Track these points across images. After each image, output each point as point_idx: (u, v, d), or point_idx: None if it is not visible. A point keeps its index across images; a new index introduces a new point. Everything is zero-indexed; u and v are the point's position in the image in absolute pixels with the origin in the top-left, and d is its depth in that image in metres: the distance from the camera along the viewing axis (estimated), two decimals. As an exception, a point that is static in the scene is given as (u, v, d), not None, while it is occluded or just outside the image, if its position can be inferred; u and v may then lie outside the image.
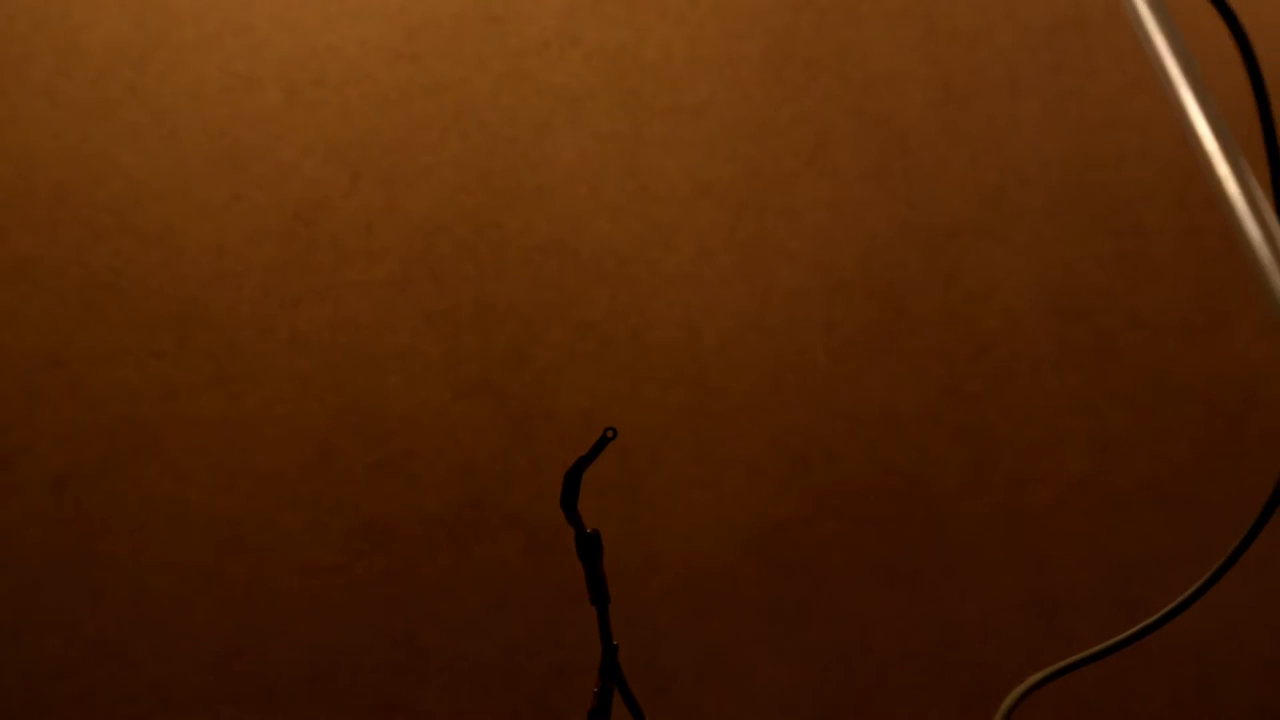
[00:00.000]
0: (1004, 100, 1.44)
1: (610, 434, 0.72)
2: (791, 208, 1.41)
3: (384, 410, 1.34)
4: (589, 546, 0.72)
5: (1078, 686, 1.44)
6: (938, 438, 1.42)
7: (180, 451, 1.31)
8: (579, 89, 1.38)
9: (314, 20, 1.34)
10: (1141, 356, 1.45)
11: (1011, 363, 1.43)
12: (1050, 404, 1.44)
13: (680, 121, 1.39)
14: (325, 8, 1.34)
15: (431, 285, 1.35)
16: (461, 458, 1.35)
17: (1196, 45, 1.57)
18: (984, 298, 1.43)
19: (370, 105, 1.35)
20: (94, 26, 1.31)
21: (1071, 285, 1.44)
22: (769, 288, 1.40)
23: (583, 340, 1.37)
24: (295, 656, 1.33)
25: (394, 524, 1.34)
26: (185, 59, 1.32)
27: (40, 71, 1.30)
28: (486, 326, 1.36)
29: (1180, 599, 0.70)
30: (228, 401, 1.32)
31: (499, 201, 1.36)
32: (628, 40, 1.38)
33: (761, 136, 1.40)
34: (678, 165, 1.39)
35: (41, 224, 1.30)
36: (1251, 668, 1.44)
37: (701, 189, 1.39)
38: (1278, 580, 1.46)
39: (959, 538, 1.42)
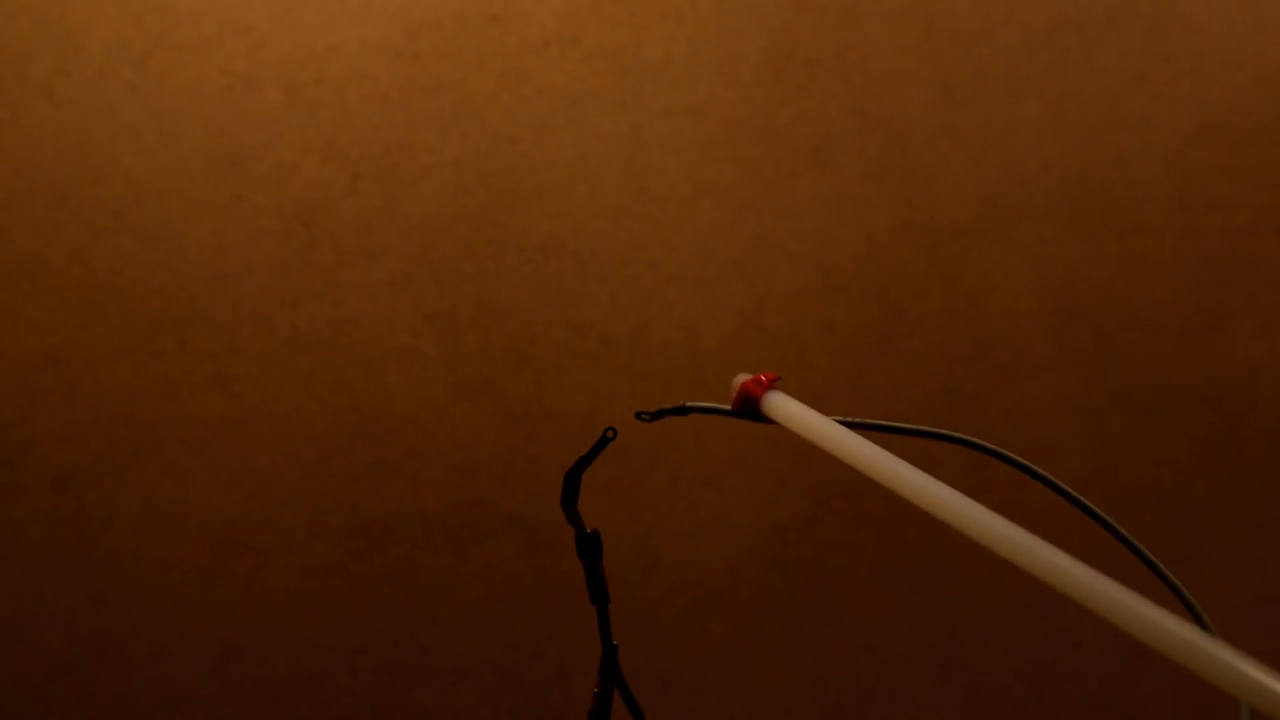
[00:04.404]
0: (1004, 100, 1.44)
1: (610, 434, 0.72)
2: (791, 208, 1.41)
3: (384, 410, 1.34)
4: (589, 546, 0.72)
5: (1078, 686, 1.44)
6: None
7: (180, 451, 1.31)
8: (579, 89, 1.38)
9: (314, 20, 1.34)
10: (1141, 356, 1.45)
11: (1011, 363, 1.43)
12: (1050, 404, 1.44)
13: (680, 121, 1.39)
14: (325, 8, 1.34)
15: (431, 285, 1.35)
16: (461, 458, 1.35)
17: (1195, 46, 1.58)
18: (984, 298, 1.43)
19: (370, 105, 1.35)
20: (94, 26, 1.31)
21: (1071, 285, 1.44)
22: (769, 288, 1.40)
23: (583, 340, 1.37)
24: (295, 656, 1.33)
25: (394, 524, 1.34)
26: (185, 59, 1.32)
27: (40, 71, 1.30)
28: (486, 326, 1.36)
29: None
30: (228, 401, 1.32)
31: (499, 201, 1.36)
32: (628, 40, 1.38)
33: (761, 136, 1.40)
34: (678, 165, 1.39)
35: (41, 224, 1.30)
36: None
37: (701, 189, 1.39)
38: (1278, 580, 1.46)
39: (959, 538, 1.41)
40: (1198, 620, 0.58)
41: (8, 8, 1.30)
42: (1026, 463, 0.63)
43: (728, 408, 0.65)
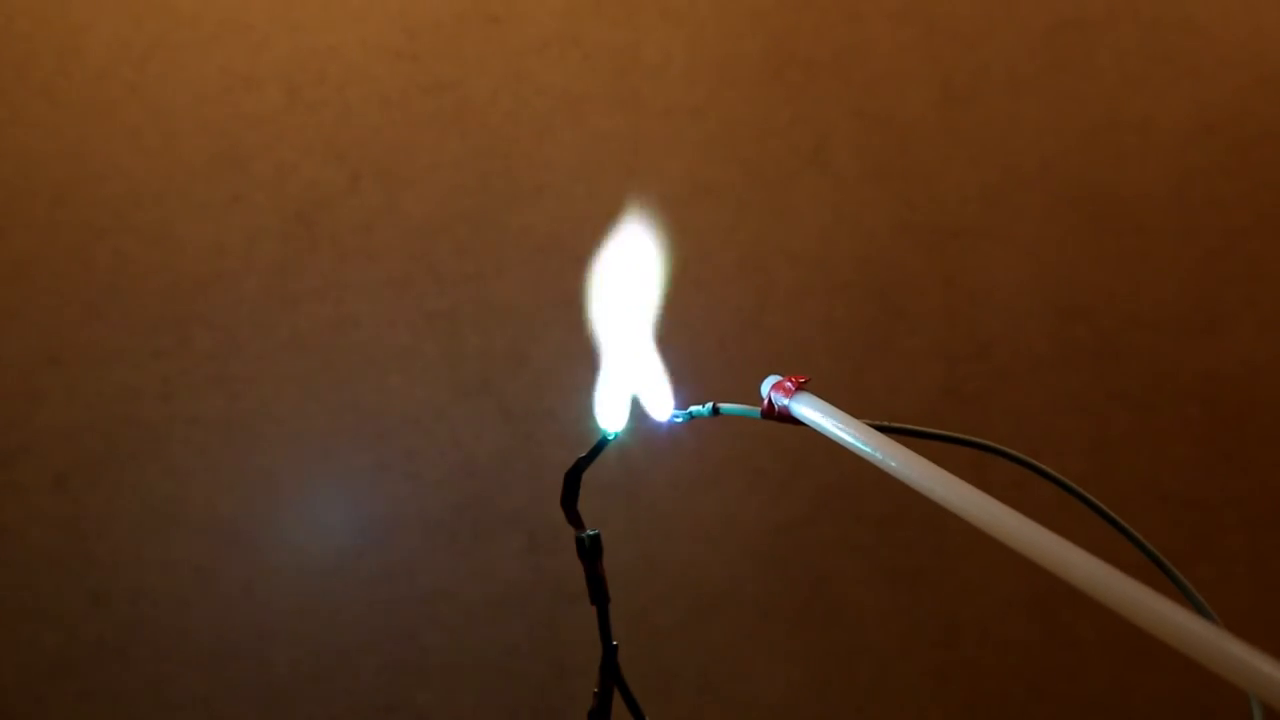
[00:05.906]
0: (1004, 100, 1.44)
1: (611, 434, 0.71)
2: (791, 208, 1.41)
3: (384, 410, 1.34)
4: (589, 547, 0.72)
5: (1078, 685, 1.44)
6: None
7: (180, 451, 1.31)
8: (579, 89, 1.38)
9: (314, 20, 1.34)
10: (1141, 356, 1.45)
11: (1011, 363, 1.43)
12: (1050, 404, 1.44)
13: (680, 121, 1.39)
14: (325, 8, 1.34)
15: (431, 285, 1.35)
16: (461, 458, 1.35)
17: (1195, 46, 1.57)
18: (984, 298, 1.43)
19: (370, 105, 1.35)
20: (94, 26, 1.31)
21: (1071, 285, 1.44)
22: (769, 288, 1.40)
23: (583, 340, 1.37)
24: (295, 656, 1.33)
25: (394, 524, 1.34)
26: (185, 59, 1.32)
27: (40, 71, 1.30)
28: (486, 326, 1.36)
29: None
30: (228, 401, 1.32)
31: (499, 201, 1.36)
32: (628, 40, 1.38)
33: (761, 136, 1.40)
34: (678, 165, 1.39)
35: (41, 224, 1.30)
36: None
37: (701, 189, 1.39)
38: (1278, 580, 1.46)
39: (959, 538, 1.42)
40: (1204, 615, 0.58)
41: (8, 8, 1.30)
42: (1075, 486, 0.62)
43: (758, 410, 0.66)
